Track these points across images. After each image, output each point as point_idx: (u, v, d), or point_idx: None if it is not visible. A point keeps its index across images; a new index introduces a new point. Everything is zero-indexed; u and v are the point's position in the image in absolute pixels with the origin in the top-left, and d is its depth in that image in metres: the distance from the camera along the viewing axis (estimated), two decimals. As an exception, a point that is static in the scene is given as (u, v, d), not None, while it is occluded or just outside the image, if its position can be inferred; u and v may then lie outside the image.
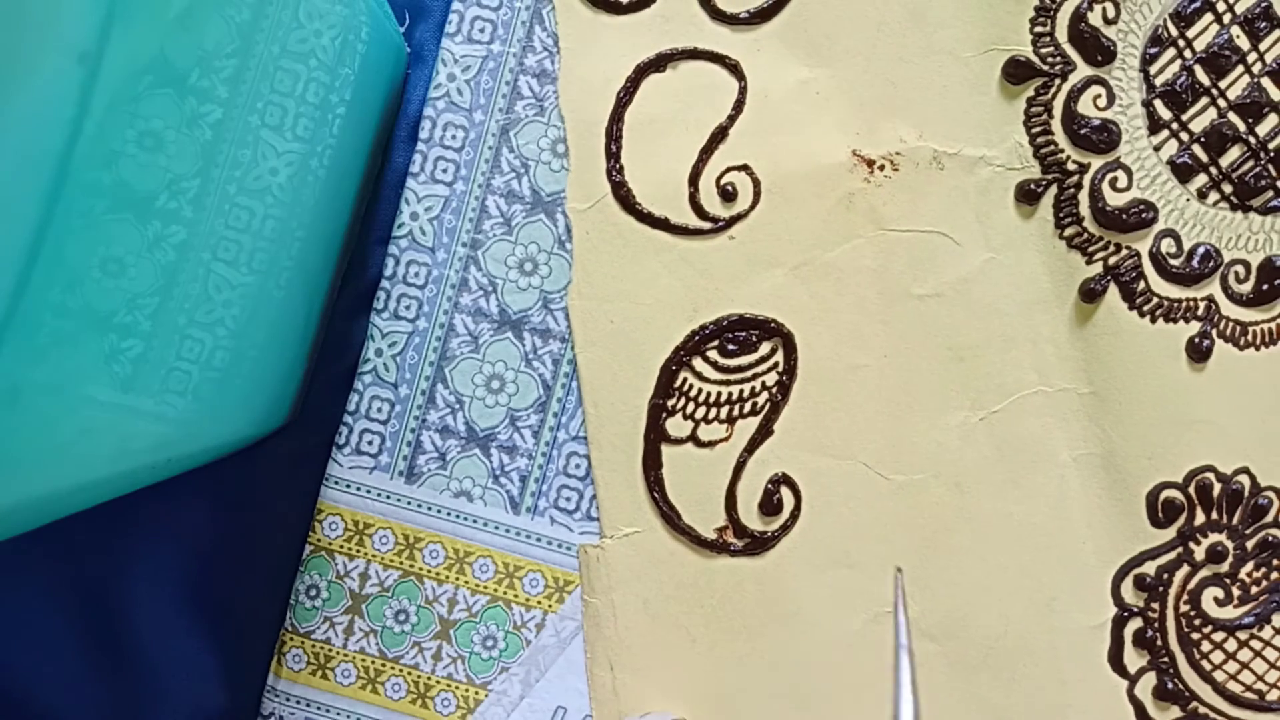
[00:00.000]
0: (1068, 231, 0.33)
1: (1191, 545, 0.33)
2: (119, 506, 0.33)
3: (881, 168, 0.33)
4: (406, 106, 0.34)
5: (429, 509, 0.33)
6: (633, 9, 0.33)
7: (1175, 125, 0.33)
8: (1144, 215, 0.33)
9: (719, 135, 0.33)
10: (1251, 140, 0.32)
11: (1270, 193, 0.33)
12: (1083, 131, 0.32)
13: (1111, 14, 0.32)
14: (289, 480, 0.34)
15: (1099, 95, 0.33)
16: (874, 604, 0.33)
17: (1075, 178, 0.33)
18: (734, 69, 0.33)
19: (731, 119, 0.33)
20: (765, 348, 0.33)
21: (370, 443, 0.33)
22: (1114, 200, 0.33)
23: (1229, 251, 0.33)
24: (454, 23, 0.33)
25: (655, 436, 0.33)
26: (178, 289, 0.24)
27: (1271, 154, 0.32)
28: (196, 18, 0.22)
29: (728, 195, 0.33)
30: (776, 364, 0.33)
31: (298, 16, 0.26)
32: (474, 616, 0.33)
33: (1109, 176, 0.33)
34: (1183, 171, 0.33)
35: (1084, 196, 0.33)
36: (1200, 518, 0.33)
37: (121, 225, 0.21)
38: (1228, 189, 0.33)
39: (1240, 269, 0.33)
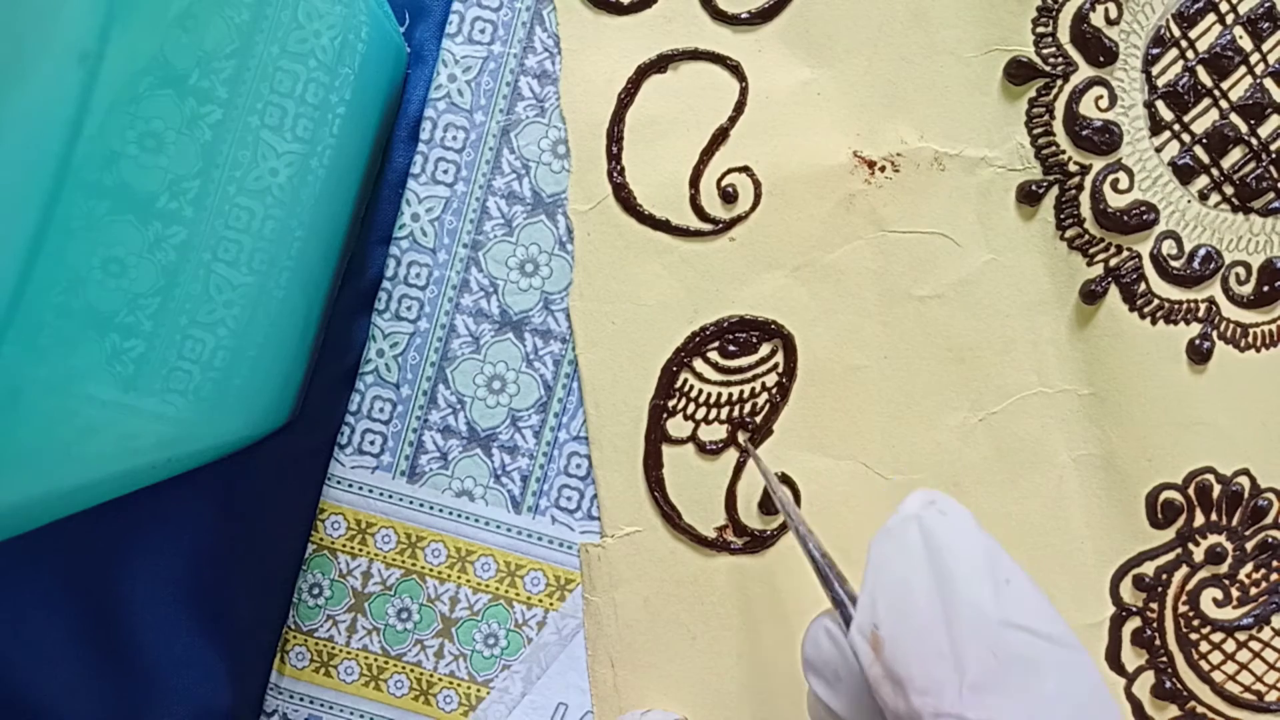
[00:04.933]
0: (1069, 233, 0.33)
1: (1191, 546, 0.33)
2: (119, 506, 0.33)
3: (882, 169, 0.33)
4: (406, 106, 0.34)
5: (431, 508, 0.33)
6: (634, 10, 0.33)
7: (1177, 126, 0.33)
8: (1145, 217, 0.32)
9: (720, 136, 0.33)
10: (1253, 142, 0.32)
11: (1271, 194, 0.32)
12: (1084, 132, 0.32)
13: (1114, 14, 0.32)
14: (289, 480, 0.34)
15: (1101, 96, 0.32)
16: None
17: (1076, 179, 0.33)
18: (735, 70, 0.33)
19: (733, 120, 0.33)
20: (765, 349, 0.33)
21: (372, 442, 0.33)
22: (1115, 201, 0.33)
23: (1230, 253, 0.33)
24: (454, 23, 0.33)
25: (656, 437, 0.33)
26: (179, 289, 0.24)
27: (1273, 155, 0.32)
28: (196, 18, 0.22)
29: (728, 197, 0.33)
30: (776, 365, 0.33)
31: (297, 17, 0.26)
32: (476, 615, 0.33)
33: (1110, 178, 0.33)
34: (1184, 173, 0.33)
35: (1085, 198, 0.33)
36: (1200, 519, 0.33)
37: (122, 226, 0.21)
38: (1229, 190, 0.33)
39: (1241, 270, 0.33)
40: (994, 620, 0.22)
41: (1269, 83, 0.32)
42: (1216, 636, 0.33)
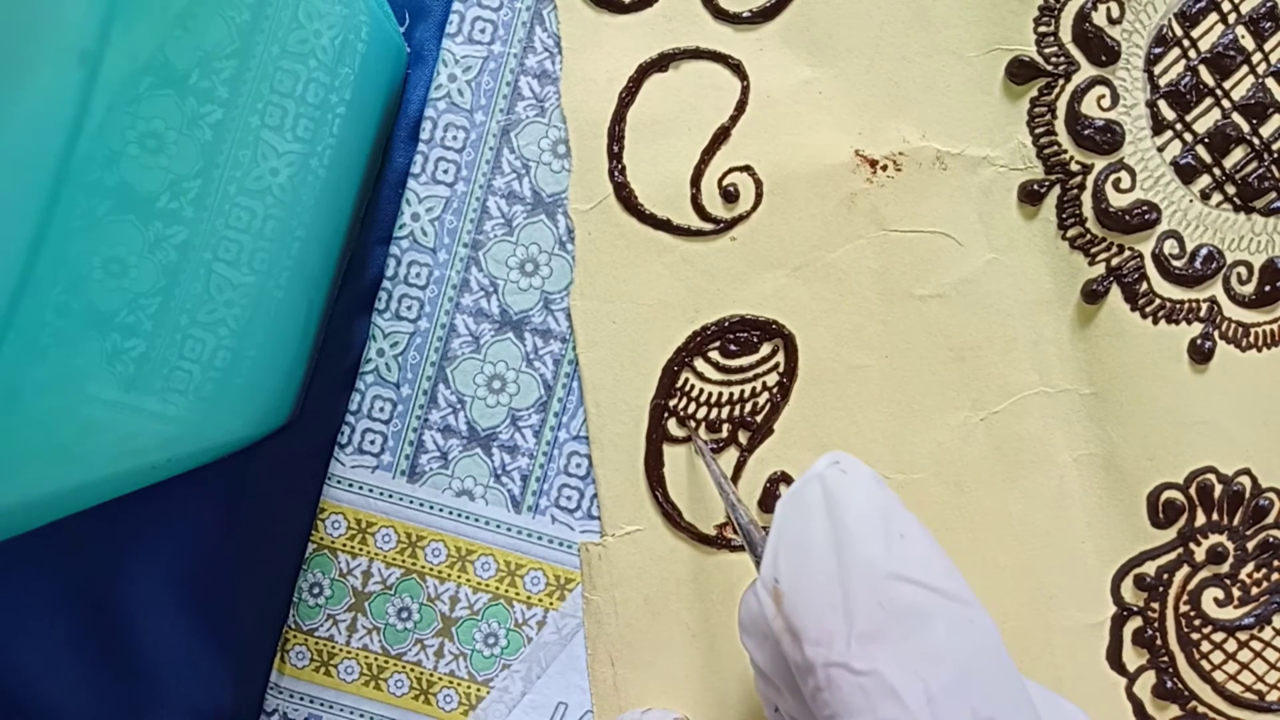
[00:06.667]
0: (1070, 232, 0.33)
1: (1192, 546, 0.33)
2: (119, 506, 0.33)
3: (884, 168, 0.33)
4: (406, 106, 0.34)
5: (431, 508, 0.33)
6: (635, 8, 0.33)
7: (1179, 126, 0.33)
8: (1147, 216, 0.32)
9: (721, 136, 0.33)
10: (1255, 141, 0.32)
11: (1274, 194, 0.32)
12: (1086, 132, 0.32)
13: (1116, 14, 0.32)
14: (289, 480, 0.34)
15: (1103, 95, 0.32)
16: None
17: (1078, 178, 0.33)
18: (736, 69, 0.33)
19: (734, 119, 0.33)
20: (766, 348, 0.33)
21: (372, 442, 0.33)
22: (1117, 201, 0.33)
23: (1231, 253, 0.33)
24: (454, 23, 0.33)
25: (657, 436, 0.33)
26: (179, 289, 0.24)
27: (1275, 155, 0.32)
28: (196, 18, 0.22)
29: (729, 196, 0.33)
30: (777, 365, 0.33)
31: (297, 17, 0.25)
32: (476, 614, 0.33)
33: (1112, 177, 0.32)
34: (1186, 172, 0.33)
35: (1087, 197, 0.33)
36: (1201, 518, 0.33)
37: (123, 226, 0.21)
38: (1231, 190, 0.33)
39: (1243, 270, 0.33)
40: (884, 573, 0.23)
41: (1271, 82, 0.32)
42: (1218, 636, 0.33)
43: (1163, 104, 0.33)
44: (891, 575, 0.23)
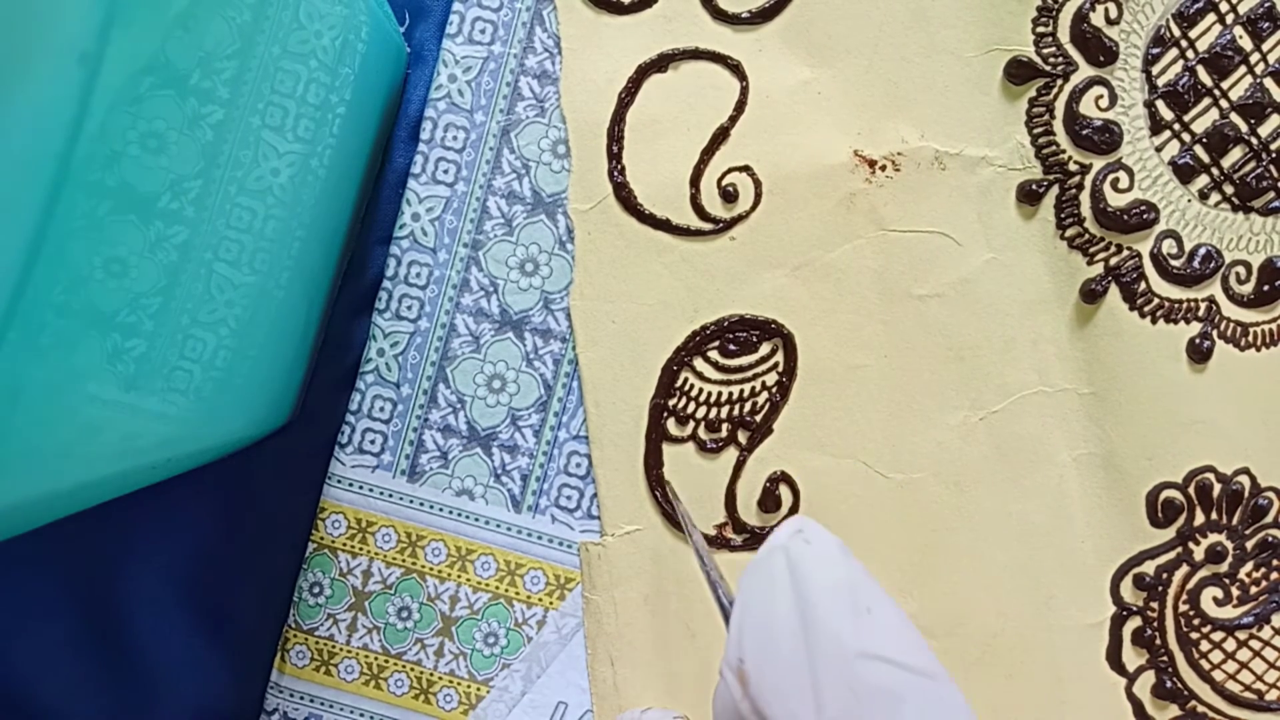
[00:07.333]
0: (1069, 232, 0.33)
1: (1191, 545, 0.33)
2: (119, 506, 0.33)
3: (883, 168, 0.33)
4: (406, 106, 0.34)
5: (431, 507, 0.33)
6: (634, 9, 0.33)
7: (1177, 126, 0.33)
8: (1145, 216, 0.33)
9: (720, 136, 0.33)
10: (1253, 141, 0.32)
11: (1272, 194, 0.33)
12: (1084, 132, 0.32)
13: (1114, 14, 0.32)
14: (289, 480, 0.34)
15: (1101, 96, 0.33)
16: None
17: (1077, 178, 0.33)
18: (736, 69, 0.33)
19: (733, 119, 0.33)
20: (765, 348, 0.33)
21: (373, 442, 0.33)
22: (1115, 201, 0.33)
23: (1230, 252, 0.33)
24: (455, 24, 0.33)
25: (657, 436, 0.33)
26: (180, 289, 0.24)
27: (1273, 155, 0.32)
28: (197, 19, 0.22)
29: (729, 196, 0.33)
30: (777, 364, 0.33)
31: (298, 17, 0.26)
32: (476, 614, 0.33)
33: (1110, 177, 0.33)
34: (1184, 172, 0.33)
35: (1085, 197, 0.33)
36: (1200, 518, 0.33)
37: (124, 226, 0.21)
38: (1229, 190, 0.33)
39: (1241, 270, 0.33)
40: (853, 652, 0.22)
41: (1269, 82, 0.32)
42: (1217, 635, 0.33)
43: (1161, 104, 0.33)
44: (861, 654, 0.22)
